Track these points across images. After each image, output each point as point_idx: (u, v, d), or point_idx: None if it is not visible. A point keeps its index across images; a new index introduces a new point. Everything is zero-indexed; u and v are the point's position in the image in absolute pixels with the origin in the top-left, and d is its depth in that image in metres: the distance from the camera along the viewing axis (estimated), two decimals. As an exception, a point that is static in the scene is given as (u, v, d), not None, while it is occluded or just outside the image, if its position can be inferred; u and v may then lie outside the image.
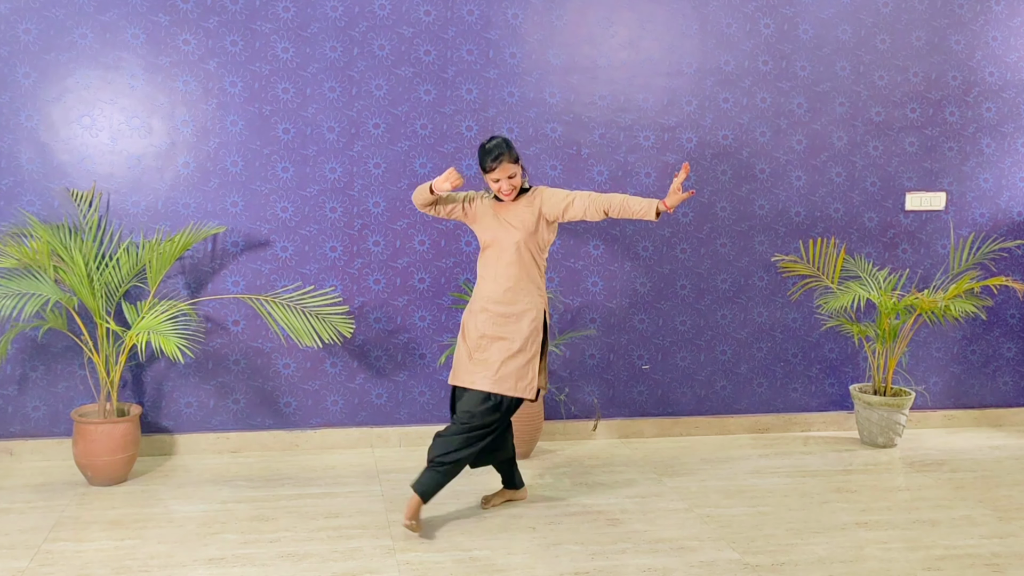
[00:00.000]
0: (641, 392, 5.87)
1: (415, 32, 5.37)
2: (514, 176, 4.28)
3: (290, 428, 5.53)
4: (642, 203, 4.22)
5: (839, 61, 5.78)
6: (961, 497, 4.83)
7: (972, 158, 5.97)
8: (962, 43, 5.87)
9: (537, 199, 4.36)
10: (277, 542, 4.16)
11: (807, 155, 5.83)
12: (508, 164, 4.25)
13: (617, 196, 4.28)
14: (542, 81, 5.52)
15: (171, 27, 5.16)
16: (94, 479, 4.87)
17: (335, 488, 4.88)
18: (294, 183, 5.35)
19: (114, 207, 5.21)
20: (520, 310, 4.33)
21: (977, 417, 6.20)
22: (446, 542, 4.18)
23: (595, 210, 4.28)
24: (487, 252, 4.42)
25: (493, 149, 4.26)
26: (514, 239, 4.32)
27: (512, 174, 4.27)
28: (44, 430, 5.30)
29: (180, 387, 5.39)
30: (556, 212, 4.32)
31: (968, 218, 6.01)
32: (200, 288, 5.34)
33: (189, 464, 5.26)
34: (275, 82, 5.28)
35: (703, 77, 5.67)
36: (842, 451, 5.65)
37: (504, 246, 4.35)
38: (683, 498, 4.78)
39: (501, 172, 4.25)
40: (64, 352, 5.26)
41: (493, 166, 4.24)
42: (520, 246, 4.32)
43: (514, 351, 4.31)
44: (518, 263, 4.34)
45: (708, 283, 5.84)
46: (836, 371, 6.05)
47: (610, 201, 4.27)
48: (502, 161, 4.23)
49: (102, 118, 5.16)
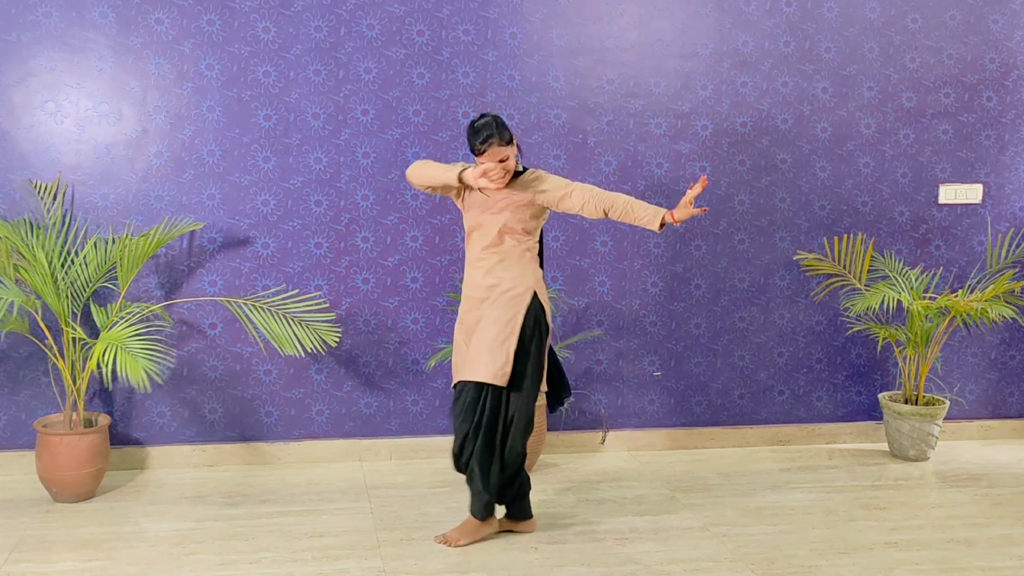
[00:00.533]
0: (652, 401, 5.89)
1: (407, 10, 5.39)
2: (506, 160, 4.15)
3: (271, 440, 5.55)
4: (647, 210, 4.11)
5: (867, 42, 5.80)
6: (999, 515, 4.84)
7: (1011, 147, 6.00)
8: (1000, 22, 5.89)
9: (532, 183, 4.26)
10: (257, 563, 4.17)
11: (832, 144, 5.85)
12: (499, 147, 4.13)
13: (621, 197, 4.17)
14: (545, 64, 5.55)
15: (143, 5, 5.18)
16: (59, 495, 4.88)
17: (320, 505, 4.89)
18: (276, 174, 5.37)
19: (80, 200, 5.22)
20: (500, 292, 4.24)
21: (1016, 428, 6.24)
22: (440, 563, 4.19)
23: (594, 207, 4.16)
24: (471, 237, 4.36)
25: (482, 129, 4.14)
26: (499, 223, 4.25)
27: (504, 158, 4.15)
28: (5, 442, 5.32)
29: (152, 396, 5.40)
30: (551, 201, 4.23)
31: (1007, 212, 6.04)
32: (175, 288, 5.36)
33: (162, 479, 5.29)
34: (255, 65, 5.30)
35: (719, 59, 5.70)
36: (870, 465, 5.67)
37: (488, 230, 4.27)
38: (698, 516, 4.79)
39: (490, 156, 4.13)
40: (27, 358, 5.27)
41: (482, 148, 4.13)
42: (503, 229, 4.25)
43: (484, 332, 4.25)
44: (500, 246, 4.26)
45: (725, 283, 5.87)
46: (864, 378, 6.07)
47: (613, 201, 4.16)
48: (491, 144, 4.11)
49: (67, 104, 5.18)
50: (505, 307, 4.23)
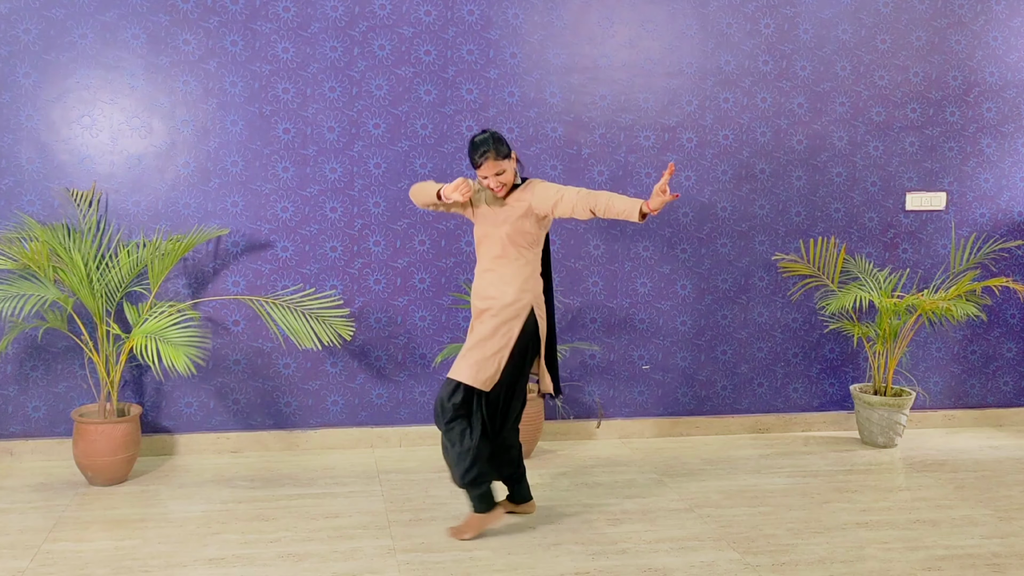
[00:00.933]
0: (641, 392, 5.97)
1: (415, 32, 5.46)
2: (503, 173, 4.18)
3: (290, 428, 5.62)
4: (626, 203, 4.06)
5: (839, 61, 5.87)
6: (962, 497, 4.89)
7: (973, 158, 6.07)
8: (963, 43, 5.97)
9: (528, 193, 4.25)
10: (277, 542, 4.22)
11: (807, 155, 5.93)
12: (495, 161, 4.15)
13: (604, 194, 4.12)
14: (542, 81, 5.61)
15: (171, 27, 5.25)
16: (94, 479, 4.95)
17: (335, 488, 4.95)
18: (294, 183, 5.45)
19: (114, 207, 5.30)
20: (500, 305, 4.25)
21: (977, 417, 6.29)
22: (446, 542, 4.23)
23: (583, 207, 4.13)
24: (480, 248, 4.37)
25: (479, 145, 4.16)
26: (502, 233, 4.24)
27: (500, 171, 4.17)
28: (44, 430, 5.39)
29: (180, 387, 5.49)
30: (546, 207, 4.20)
31: (969, 218, 6.11)
32: (201, 288, 5.43)
33: (189, 464, 5.35)
34: (275, 82, 5.37)
35: (703, 77, 5.77)
36: (842, 451, 5.72)
37: (493, 240, 4.28)
38: (683, 498, 4.85)
39: (488, 170, 4.16)
40: (64, 352, 5.35)
41: (480, 162, 4.15)
42: (506, 241, 4.24)
43: (477, 340, 4.27)
44: (504, 257, 4.26)
45: (708, 283, 5.94)
46: (836, 371, 6.14)
47: (596, 199, 4.11)
48: (488, 158, 4.13)
49: (102, 118, 5.25)
50: (502, 321, 4.25)
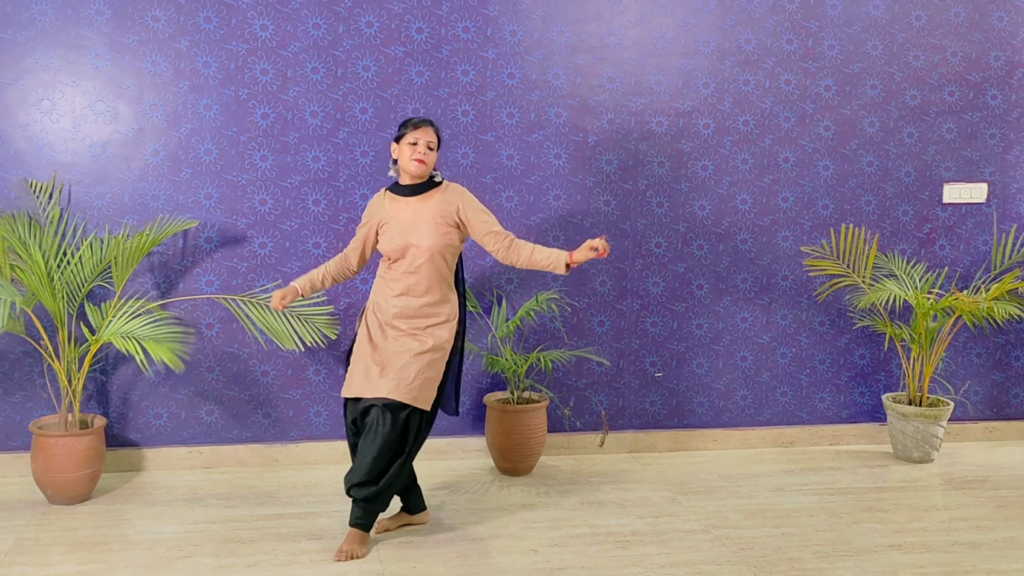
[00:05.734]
0: (654, 402, 5.91)
1: (406, 8, 5.41)
2: (433, 150, 4.36)
3: (269, 442, 5.56)
4: (550, 258, 4.31)
5: (871, 40, 5.82)
6: (1004, 517, 4.85)
7: (1016, 146, 6.02)
8: (1005, 20, 5.92)
9: (454, 200, 4.38)
10: (255, 566, 4.17)
11: (836, 143, 5.87)
12: (432, 133, 4.35)
13: (525, 250, 4.34)
14: (545, 61, 5.56)
15: (139, 2, 5.19)
16: (55, 497, 4.89)
17: (319, 507, 4.89)
18: (274, 173, 5.39)
19: (76, 199, 5.24)
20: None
21: (1021, 429, 6.25)
22: (440, 567, 4.19)
23: (503, 257, 4.39)
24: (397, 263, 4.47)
25: (418, 118, 4.40)
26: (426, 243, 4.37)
27: (431, 145, 4.34)
28: (0, 444, 5.32)
29: (149, 397, 5.43)
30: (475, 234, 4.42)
31: (1012, 211, 6.07)
32: (171, 288, 5.38)
33: (159, 481, 5.29)
34: (253, 63, 5.32)
35: (721, 57, 5.72)
36: (874, 467, 5.68)
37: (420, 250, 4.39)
38: (700, 518, 4.81)
39: (423, 134, 4.33)
40: (22, 358, 5.28)
41: (419, 125, 4.33)
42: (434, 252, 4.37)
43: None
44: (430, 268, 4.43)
45: (727, 283, 5.88)
46: (867, 379, 6.08)
47: (518, 255, 4.36)
48: (426, 126, 4.33)
49: (63, 102, 5.19)
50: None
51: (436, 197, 4.37)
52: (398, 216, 4.38)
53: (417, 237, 4.31)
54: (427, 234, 4.31)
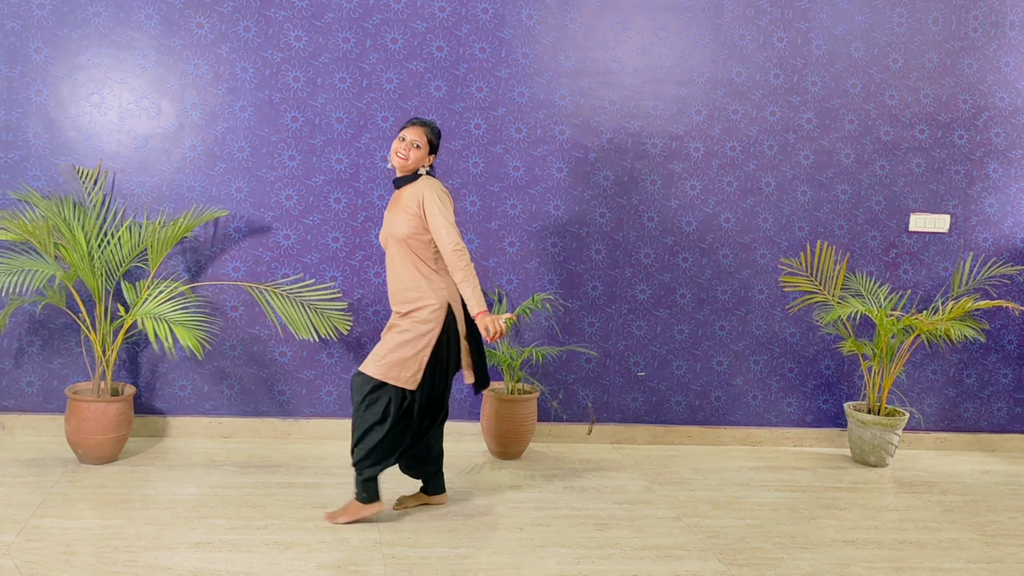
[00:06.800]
0: (635, 399, 5.89)
1: (428, 27, 5.39)
2: (419, 148, 4.26)
3: (283, 416, 5.55)
4: (470, 300, 4.16)
5: (851, 78, 5.80)
6: (950, 520, 4.84)
7: (979, 182, 5.98)
8: (974, 67, 5.89)
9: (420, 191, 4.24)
10: (264, 529, 4.17)
11: (814, 171, 5.85)
12: (421, 133, 4.27)
13: (458, 275, 4.16)
14: (553, 83, 5.55)
15: (185, 9, 5.19)
16: (85, 457, 4.89)
17: (325, 478, 4.88)
18: (300, 172, 5.38)
19: (119, 186, 5.24)
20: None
21: (969, 441, 6.21)
22: (433, 538, 4.19)
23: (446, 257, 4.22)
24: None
25: (414, 117, 4.43)
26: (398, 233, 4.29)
27: (417, 144, 4.26)
28: (38, 405, 5.32)
29: (175, 370, 5.42)
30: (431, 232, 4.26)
31: (971, 242, 6.02)
32: (200, 272, 5.36)
33: (180, 447, 5.29)
34: (286, 70, 5.30)
35: (714, 87, 5.70)
36: (833, 468, 5.66)
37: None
38: (672, 507, 4.80)
39: (409, 132, 4.27)
40: (62, 329, 5.28)
41: (411, 123, 4.31)
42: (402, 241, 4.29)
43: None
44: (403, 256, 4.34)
45: (708, 293, 5.86)
46: (831, 388, 6.06)
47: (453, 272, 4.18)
48: (414, 125, 4.29)
49: (111, 97, 5.19)
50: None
51: (410, 190, 4.28)
52: (388, 208, 4.38)
53: (392, 227, 4.27)
54: (397, 224, 4.24)
